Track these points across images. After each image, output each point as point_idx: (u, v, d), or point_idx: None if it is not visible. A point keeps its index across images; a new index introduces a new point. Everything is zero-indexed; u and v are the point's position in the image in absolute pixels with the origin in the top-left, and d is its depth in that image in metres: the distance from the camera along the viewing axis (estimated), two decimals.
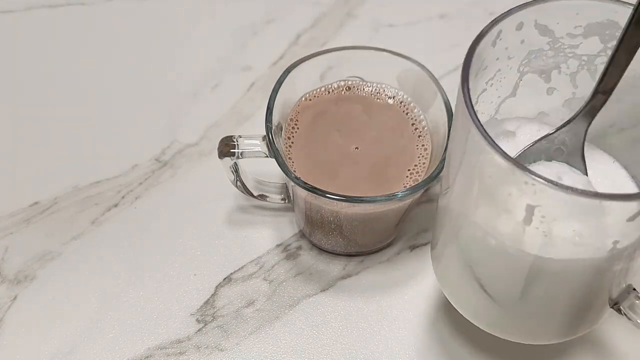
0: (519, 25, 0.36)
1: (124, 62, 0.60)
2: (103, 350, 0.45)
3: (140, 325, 0.46)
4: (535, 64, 0.39)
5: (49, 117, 0.56)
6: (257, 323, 0.46)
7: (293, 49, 0.60)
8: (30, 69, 0.59)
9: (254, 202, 0.51)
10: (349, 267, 0.49)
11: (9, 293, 0.48)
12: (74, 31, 0.62)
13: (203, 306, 0.47)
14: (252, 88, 0.58)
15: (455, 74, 0.58)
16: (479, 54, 0.35)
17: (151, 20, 0.63)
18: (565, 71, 0.39)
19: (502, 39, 0.36)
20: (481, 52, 0.35)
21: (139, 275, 0.48)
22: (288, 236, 0.50)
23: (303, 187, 0.42)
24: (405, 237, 0.50)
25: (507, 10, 0.36)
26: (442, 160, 0.43)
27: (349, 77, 0.49)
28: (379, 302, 0.47)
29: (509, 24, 0.36)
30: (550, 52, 0.38)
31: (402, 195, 0.42)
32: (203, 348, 0.45)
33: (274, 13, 0.63)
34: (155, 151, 0.54)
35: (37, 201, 0.52)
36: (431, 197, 0.52)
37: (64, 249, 0.49)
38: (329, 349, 0.45)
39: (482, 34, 0.35)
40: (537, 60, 0.39)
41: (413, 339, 0.46)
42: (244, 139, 0.45)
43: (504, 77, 0.39)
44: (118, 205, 0.52)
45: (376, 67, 0.48)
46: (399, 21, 0.62)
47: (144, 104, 0.57)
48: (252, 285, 0.48)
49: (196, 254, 0.49)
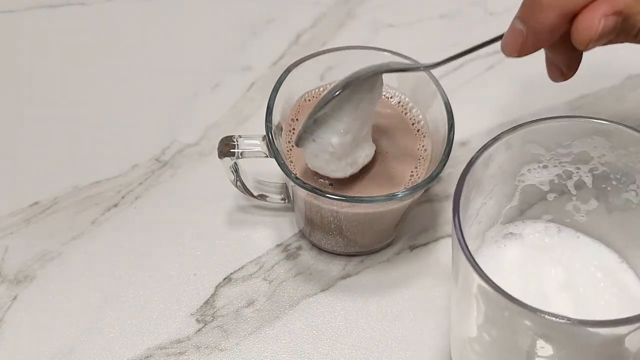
0: (508, 146, 0.37)
1: (124, 62, 0.60)
2: (103, 350, 0.45)
3: (140, 325, 0.46)
4: (530, 175, 0.40)
5: (49, 117, 0.56)
6: (257, 323, 0.46)
7: (293, 49, 0.60)
8: (30, 69, 0.59)
9: (254, 202, 0.51)
10: (349, 267, 0.49)
11: (9, 293, 0.48)
12: (74, 31, 0.62)
13: (203, 306, 0.47)
14: (252, 88, 0.58)
15: (455, 74, 0.58)
16: (470, 179, 0.36)
17: (151, 20, 0.63)
18: (562, 178, 0.40)
19: (493, 160, 0.37)
20: (473, 176, 0.36)
21: (139, 275, 0.48)
22: (288, 236, 0.50)
23: (303, 187, 0.42)
24: (405, 237, 0.50)
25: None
26: (442, 161, 0.43)
27: None
28: (379, 302, 0.47)
29: (498, 147, 0.37)
30: (543, 164, 0.40)
31: (402, 195, 0.42)
32: (203, 348, 0.45)
33: (274, 13, 0.63)
34: (155, 151, 0.54)
35: (37, 201, 0.52)
36: (431, 197, 0.52)
37: (64, 249, 0.49)
38: (329, 349, 0.45)
39: (472, 161, 0.36)
40: (532, 172, 0.40)
41: (413, 339, 0.46)
42: (244, 139, 0.45)
43: (502, 190, 0.40)
44: (118, 205, 0.52)
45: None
46: (399, 21, 0.62)
47: (144, 104, 0.57)
48: (252, 285, 0.48)
49: (196, 254, 0.49)
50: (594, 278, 0.39)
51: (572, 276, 0.39)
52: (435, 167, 0.43)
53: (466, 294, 0.35)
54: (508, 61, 0.58)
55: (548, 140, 0.38)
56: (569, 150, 0.39)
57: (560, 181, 0.40)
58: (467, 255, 0.33)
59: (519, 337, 0.33)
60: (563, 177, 0.40)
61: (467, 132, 0.55)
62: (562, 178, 0.40)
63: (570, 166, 0.39)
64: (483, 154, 0.36)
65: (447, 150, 0.43)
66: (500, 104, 0.57)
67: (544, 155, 0.39)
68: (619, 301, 0.38)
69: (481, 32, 0.62)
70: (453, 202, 0.34)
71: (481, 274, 0.32)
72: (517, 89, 0.58)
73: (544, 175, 0.40)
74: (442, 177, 0.52)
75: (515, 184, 0.40)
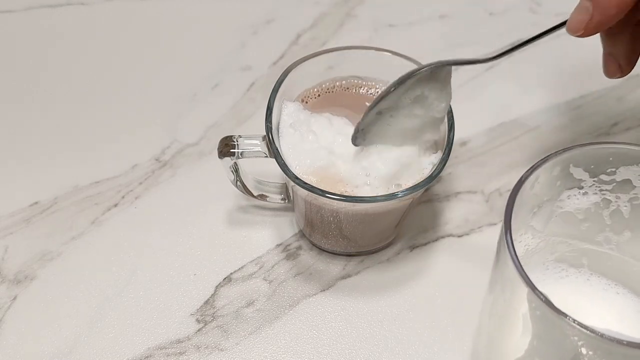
0: (554, 169, 0.37)
1: (124, 62, 0.60)
2: (103, 350, 0.45)
3: (140, 325, 0.46)
4: (569, 202, 0.40)
5: (49, 117, 0.56)
6: (257, 323, 0.46)
7: (293, 49, 0.60)
8: (30, 69, 0.59)
9: (254, 202, 0.51)
10: (349, 267, 0.49)
11: (9, 293, 0.48)
12: (74, 31, 0.62)
13: (203, 306, 0.47)
14: (252, 88, 0.58)
15: (455, 74, 0.58)
16: (520, 199, 0.35)
17: (151, 20, 0.63)
18: (599, 207, 0.40)
19: (539, 182, 0.37)
20: (521, 197, 0.36)
21: (139, 275, 0.48)
22: (288, 236, 0.50)
23: (303, 187, 0.42)
24: (405, 237, 0.50)
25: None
26: (442, 160, 0.43)
27: (349, 77, 0.49)
28: (379, 302, 0.47)
29: (545, 169, 0.37)
30: (584, 190, 0.39)
31: (402, 195, 0.42)
32: (203, 348, 0.45)
33: (274, 13, 0.63)
34: (155, 151, 0.54)
35: (37, 201, 0.52)
36: (431, 197, 0.52)
37: (64, 249, 0.49)
38: (329, 349, 0.45)
39: (521, 181, 0.36)
40: (571, 199, 0.39)
41: (413, 339, 0.46)
42: (244, 139, 0.45)
43: (540, 214, 0.39)
44: (118, 205, 0.52)
45: (376, 67, 0.48)
46: (399, 21, 0.62)
47: (144, 103, 0.57)
48: (252, 285, 0.48)
49: (196, 254, 0.49)
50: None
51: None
52: (435, 167, 0.43)
53: (512, 312, 0.35)
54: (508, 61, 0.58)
55: (594, 164, 0.38)
56: (612, 177, 0.38)
57: (597, 210, 0.40)
58: (525, 279, 0.32)
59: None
60: (600, 206, 0.40)
61: (467, 132, 0.55)
62: (600, 207, 0.40)
63: (610, 195, 0.39)
64: (532, 174, 0.36)
65: (447, 150, 0.43)
66: (500, 104, 0.57)
67: (586, 181, 0.39)
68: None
69: (481, 32, 0.63)
70: (504, 220, 0.34)
71: (547, 302, 0.32)
72: (517, 89, 0.58)
73: (583, 202, 0.40)
74: (442, 177, 0.52)
75: (552, 209, 0.40)
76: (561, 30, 0.40)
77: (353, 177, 0.44)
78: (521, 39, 0.41)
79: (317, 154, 0.44)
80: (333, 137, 0.45)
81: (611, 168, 0.38)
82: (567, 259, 0.42)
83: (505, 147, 0.54)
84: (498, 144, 0.54)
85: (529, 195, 0.37)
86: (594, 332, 0.31)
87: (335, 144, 0.44)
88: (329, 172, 0.44)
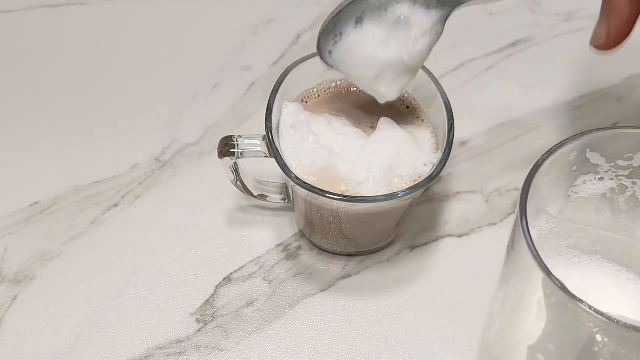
0: (571, 154, 0.37)
1: (124, 61, 0.60)
2: (103, 350, 0.45)
3: (140, 325, 0.46)
4: (585, 187, 0.39)
5: (49, 117, 0.56)
6: (257, 323, 0.46)
7: (293, 49, 0.60)
8: (30, 69, 0.59)
9: (254, 202, 0.51)
10: (349, 267, 0.49)
11: (9, 293, 0.48)
12: (74, 31, 0.62)
13: (203, 306, 0.47)
14: (252, 88, 0.58)
15: (455, 74, 0.58)
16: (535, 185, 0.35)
17: (151, 20, 0.63)
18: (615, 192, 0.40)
19: (555, 166, 0.37)
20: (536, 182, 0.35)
21: (139, 275, 0.48)
22: (288, 236, 0.50)
23: (303, 187, 0.42)
24: (405, 237, 0.50)
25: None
26: (442, 160, 0.43)
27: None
28: (379, 302, 0.47)
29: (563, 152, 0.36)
30: (600, 176, 0.39)
31: (402, 195, 0.42)
32: (203, 348, 0.45)
33: (274, 13, 0.63)
34: (155, 151, 0.54)
35: (37, 201, 0.52)
36: (431, 197, 0.52)
37: (64, 249, 0.49)
38: (329, 349, 0.45)
39: (537, 166, 0.35)
40: (587, 184, 0.39)
41: (413, 339, 0.46)
42: (244, 139, 0.45)
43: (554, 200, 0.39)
44: (118, 205, 0.52)
45: None
46: None
47: (144, 103, 0.57)
48: (252, 285, 0.48)
49: (196, 254, 0.49)
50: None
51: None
52: (435, 167, 0.43)
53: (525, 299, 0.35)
54: (508, 61, 0.58)
55: (611, 149, 0.38)
56: (629, 162, 0.38)
57: (613, 195, 0.39)
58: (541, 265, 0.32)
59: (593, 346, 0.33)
60: (616, 192, 0.39)
61: (467, 132, 0.55)
62: (615, 192, 0.39)
63: (627, 180, 0.39)
64: (547, 159, 0.35)
65: (447, 150, 0.43)
66: (500, 104, 0.57)
67: (602, 166, 0.38)
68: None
69: (481, 32, 0.63)
70: (519, 205, 0.34)
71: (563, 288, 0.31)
72: (517, 89, 0.58)
73: (599, 187, 0.39)
74: (442, 177, 0.52)
75: (568, 194, 0.39)
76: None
77: (355, 174, 0.44)
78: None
79: (317, 154, 0.44)
80: (333, 137, 0.45)
81: (628, 153, 0.38)
82: (580, 246, 0.41)
83: (505, 147, 0.54)
84: (498, 144, 0.54)
85: (544, 180, 0.36)
86: (610, 319, 0.30)
87: (335, 144, 0.44)
88: (329, 172, 0.44)
